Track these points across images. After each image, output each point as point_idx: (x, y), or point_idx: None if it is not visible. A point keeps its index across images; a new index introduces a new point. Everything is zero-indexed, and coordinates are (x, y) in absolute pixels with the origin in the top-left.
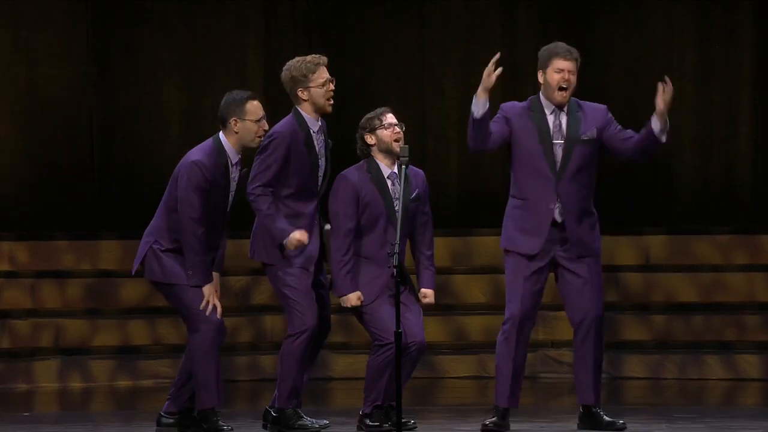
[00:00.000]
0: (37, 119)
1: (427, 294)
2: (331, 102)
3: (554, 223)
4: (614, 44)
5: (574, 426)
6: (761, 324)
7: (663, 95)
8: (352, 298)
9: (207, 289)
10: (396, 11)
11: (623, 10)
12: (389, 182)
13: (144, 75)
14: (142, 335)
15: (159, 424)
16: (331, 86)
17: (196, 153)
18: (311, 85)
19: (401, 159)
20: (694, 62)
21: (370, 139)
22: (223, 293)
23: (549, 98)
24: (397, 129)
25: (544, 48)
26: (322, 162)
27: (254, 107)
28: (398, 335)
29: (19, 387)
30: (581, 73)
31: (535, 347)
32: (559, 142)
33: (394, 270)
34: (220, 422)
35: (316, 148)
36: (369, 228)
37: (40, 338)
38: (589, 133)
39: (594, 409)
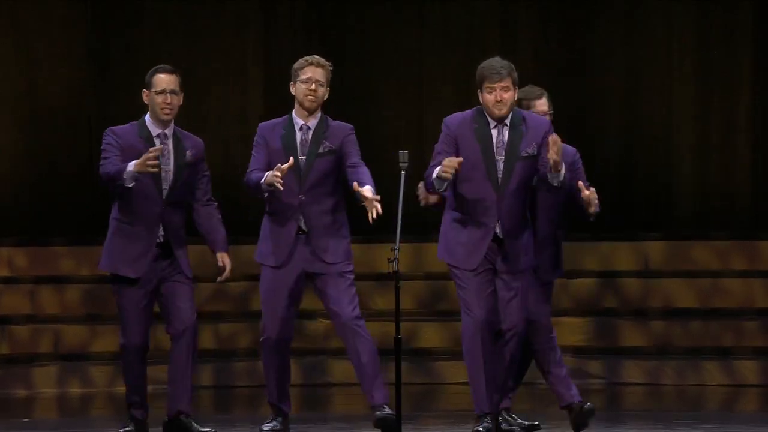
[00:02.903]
0: (37, 121)
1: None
2: (311, 99)
3: (495, 238)
4: (614, 45)
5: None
6: (760, 329)
7: (552, 149)
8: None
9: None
10: (396, 12)
11: (623, 12)
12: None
13: (143, 78)
14: None
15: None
16: (313, 86)
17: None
18: (297, 80)
19: (400, 165)
20: (694, 64)
21: None
22: (222, 299)
23: (489, 114)
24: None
25: (478, 67)
26: (303, 162)
27: (158, 79)
28: (398, 341)
29: (18, 393)
30: (581, 73)
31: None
32: (500, 157)
33: (393, 273)
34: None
35: (297, 147)
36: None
37: (40, 344)
38: (530, 149)
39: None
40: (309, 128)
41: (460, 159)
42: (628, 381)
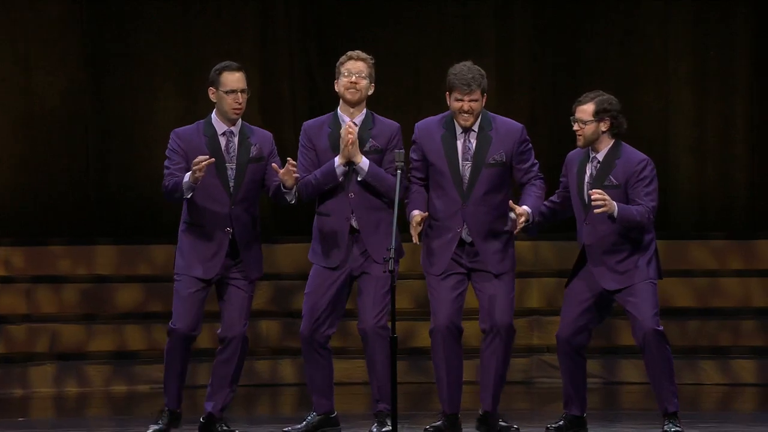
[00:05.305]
0: (33, 124)
1: None
2: (352, 91)
3: (463, 242)
4: (610, 49)
5: None
6: (756, 329)
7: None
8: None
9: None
10: (392, 16)
11: (620, 13)
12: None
13: (140, 81)
14: (138, 340)
15: None
16: (354, 78)
17: None
18: (339, 76)
19: (397, 164)
20: (690, 68)
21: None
22: None
23: (456, 120)
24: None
25: (450, 71)
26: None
27: (227, 79)
28: (394, 340)
29: (14, 392)
30: (578, 74)
31: (530, 352)
32: (467, 163)
33: (389, 272)
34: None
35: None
36: None
37: (36, 343)
38: (497, 156)
39: (490, 417)
40: (356, 125)
41: (425, 215)
42: (625, 380)
